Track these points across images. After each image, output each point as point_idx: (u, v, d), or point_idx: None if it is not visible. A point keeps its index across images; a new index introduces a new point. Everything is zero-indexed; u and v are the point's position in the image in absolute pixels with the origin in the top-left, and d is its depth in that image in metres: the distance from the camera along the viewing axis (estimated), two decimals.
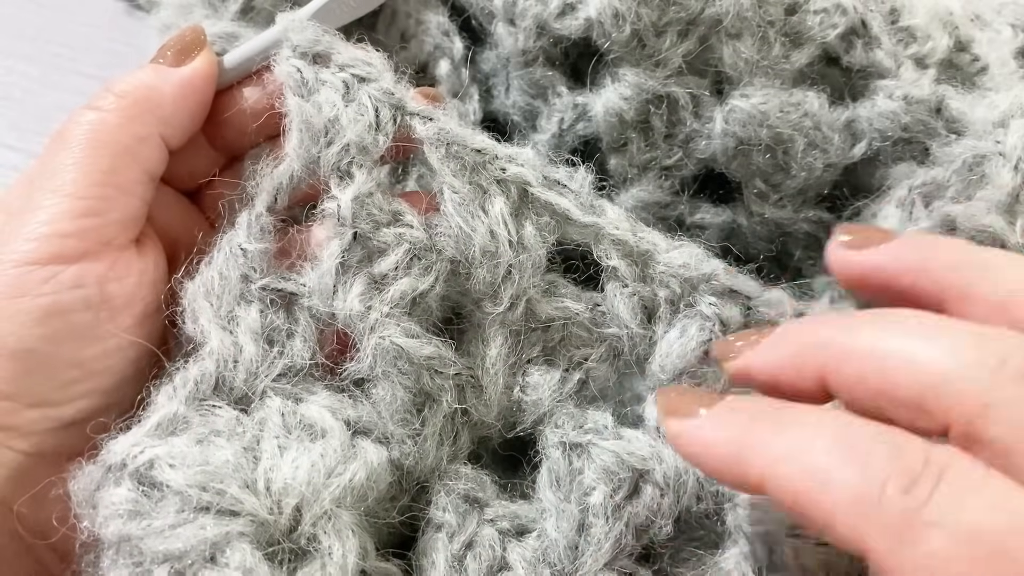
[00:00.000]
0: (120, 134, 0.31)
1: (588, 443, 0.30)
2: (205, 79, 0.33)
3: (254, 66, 0.34)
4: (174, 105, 0.32)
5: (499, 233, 0.30)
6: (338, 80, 0.31)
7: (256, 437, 0.28)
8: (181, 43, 0.33)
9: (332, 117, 0.30)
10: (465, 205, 0.30)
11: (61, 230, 0.30)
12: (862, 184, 0.38)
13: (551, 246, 0.32)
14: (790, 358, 0.25)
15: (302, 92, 0.31)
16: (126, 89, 0.32)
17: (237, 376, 0.29)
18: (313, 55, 0.32)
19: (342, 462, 0.28)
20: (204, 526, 0.25)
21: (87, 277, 0.30)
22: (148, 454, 0.26)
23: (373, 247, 0.30)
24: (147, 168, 0.32)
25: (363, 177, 0.30)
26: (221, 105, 0.34)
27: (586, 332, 0.32)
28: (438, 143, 0.31)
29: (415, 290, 0.30)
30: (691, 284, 0.31)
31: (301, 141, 0.31)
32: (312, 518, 0.26)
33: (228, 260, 0.30)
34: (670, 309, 0.31)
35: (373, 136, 0.31)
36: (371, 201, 0.30)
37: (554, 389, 0.32)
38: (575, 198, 0.32)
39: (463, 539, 0.29)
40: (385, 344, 0.29)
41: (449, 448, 0.31)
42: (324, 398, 0.30)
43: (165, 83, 0.32)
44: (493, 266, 0.31)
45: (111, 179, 0.31)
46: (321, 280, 0.30)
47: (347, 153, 0.30)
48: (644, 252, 0.31)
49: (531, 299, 0.32)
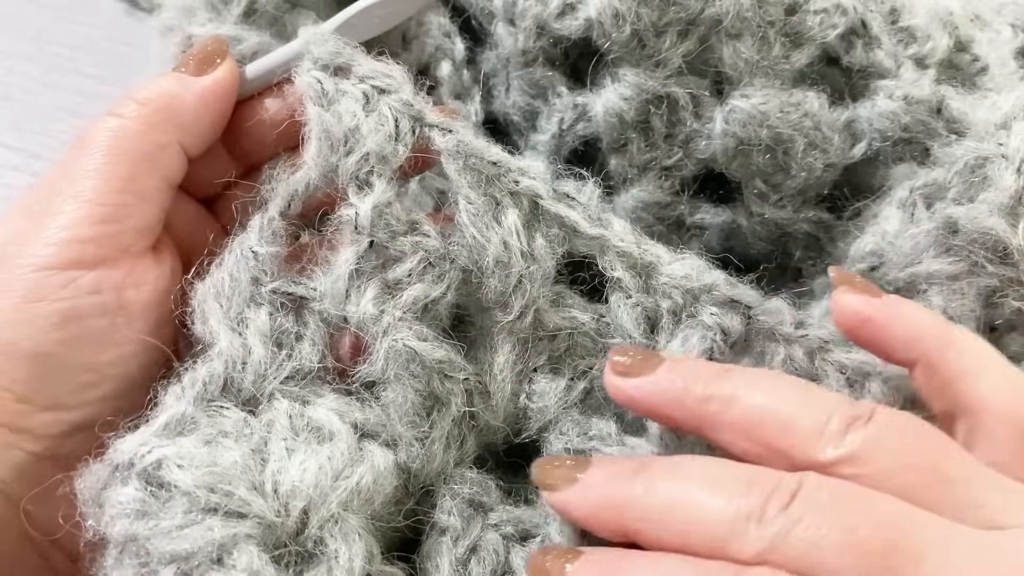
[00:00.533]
0: (140, 141, 0.31)
1: (592, 449, 0.31)
2: (226, 89, 0.33)
3: (275, 77, 0.34)
4: (194, 114, 0.33)
5: (512, 244, 0.31)
6: (358, 91, 0.31)
7: (264, 439, 0.28)
8: (203, 53, 0.34)
9: (352, 127, 0.31)
10: (480, 216, 0.31)
11: (80, 236, 0.30)
12: (862, 184, 0.38)
13: (560, 258, 0.32)
14: (595, 513, 0.28)
15: (322, 102, 0.31)
16: (148, 97, 0.32)
17: (245, 377, 0.29)
18: (334, 67, 0.32)
19: (349, 465, 0.28)
20: (212, 527, 0.25)
21: (105, 283, 0.30)
22: (156, 454, 0.26)
23: (389, 256, 0.30)
24: (166, 176, 0.32)
25: (383, 187, 0.30)
26: (241, 115, 0.34)
27: (591, 342, 0.33)
28: (456, 155, 0.31)
29: (428, 296, 0.30)
30: (693, 295, 0.32)
31: (320, 150, 0.31)
32: (319, 521, 0.26)
33: (239, 262, 0.31)
34: (672, 319, 0.32)
35: (393, 146, 0.31)
36: (389, 211, 0.30)
37: (559, 397, 0.32)
38: (583, 211, 0.32)
39: (467, 543, 0.29)
40: (398, 347, 0.30)
41: (456, 452, 0.31)
42: (332, 401, 0.30)
43: (186, 92, 0.33)
44: (505, 276, 0.31)
45: (130, 186, 0.31)
46: (334, 285, 0.30)
47: (366, 162, 0.31)
48: (648, 264, 0.32)
49: (539, 309, 0.32)
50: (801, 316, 0.32)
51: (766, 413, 0.27)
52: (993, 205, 0.32)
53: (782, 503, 0.24)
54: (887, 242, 0.34)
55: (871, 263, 0.35)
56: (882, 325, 0.29)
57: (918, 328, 0.28)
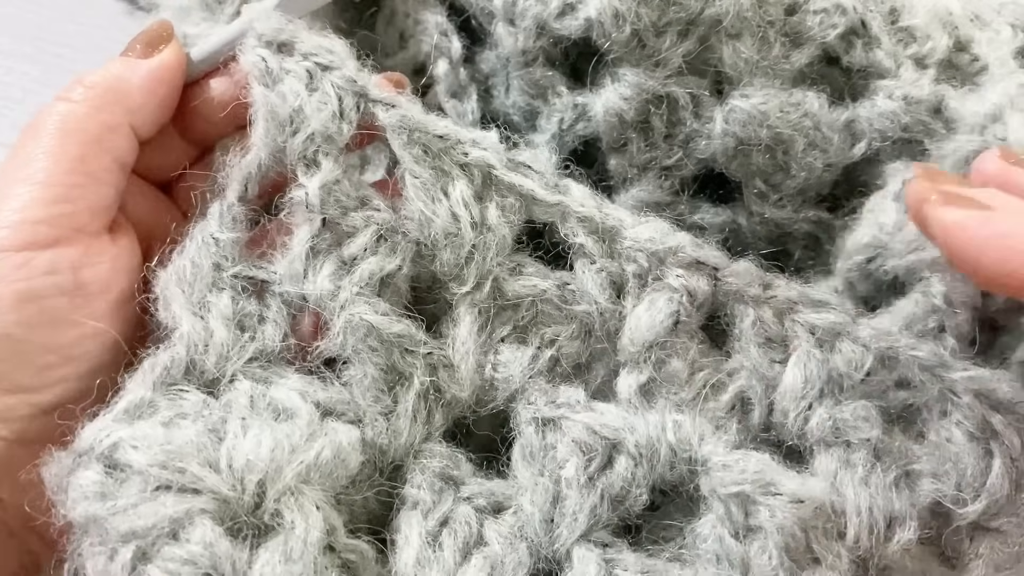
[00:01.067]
0: (89, 123, 0.32)
1: (560, 417, 0.30)
2: (172, 70, 0.34)
3: (222, 56, 0.34)
4: (142, 95, 0.33)
5: (461, 215, 0.31)
6: (301, 69, 0.32)
7: (222, 418, 0.28)
8: (149, 36, 0.34)
9: (296, 107, 0.31)
10: (426, 189, 0.31)
11: (33, 216, 0.30)
12: (862, 184, 0.38)
13: (517, 227, 0.32)
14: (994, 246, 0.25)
15: (267, 81, 0.32)
16: (95, 80, 0.33)
17: (208, 360, 0.29)
18: (277, 44, 0.32)
19: (308, 439, 0.28)
20: (165, 503, 0.25)
21: (61, 263, 0.30)
22: (113, 437, 0.27)
23: (342, 232, 0.31)
24: (117, 156, 0.32)
25: (330, 165, 0.31)
26: (191, 96, 0.35)
27: (556, 310, 0.33)
28: (400, 130, 0.31)
29: (383, 270, 0.31)
30: (658, 257, 0.31)
31: (267, 131, 0.31)
32: (275, 494, 0.27)
33: (200, 249, 0.31)
34: (638, 283, 0.32)
35: (337, 125, 0.31)
36: (338, 188, 0.31)
37: (525, 366, 0.32)
38: (540, 178, 0.32)
39: (438, 516, 0.29)
40: (355, 321, 0.30)
41: (423, 427, 0.31)
42: (295, 381, 0.30)
43: (133, 74, 0.33)
44: (456, 247, 0.31)
45: (81, 167, 0.31)
46: (291, 265, 0.31)
47: (312, 142, 0.31)
48: (610, 228, 0.32)
49: (498, 278, 0.32)
50: (769, 278, 0.31)
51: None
52: None
53: None
54: (884, 233, 0.34)
55: (867, 255, 0.35)
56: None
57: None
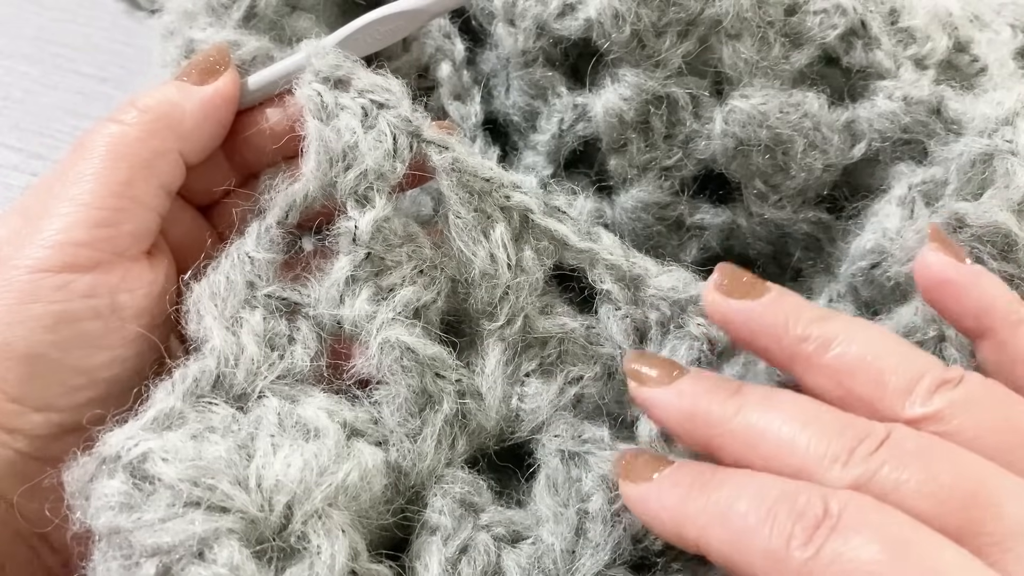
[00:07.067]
0: (140, 148, 0.32)
1: (586, 452, 0.31)
2: (227, 99, 0.34)
3: (277, 88, 0.34)
4: (194, 123, 0.33)
5: (499, 256, 0.32)
6: (357, 106, 0.32)
7: (251, 435, 0.28)
8: (206, 62, 0.34)
9: (351, 143, 0.31)
10: (468, 231, 0.32)
11: (75, 239, 0.30)
12: (862, 184, 0.38)
13: (548, 270, 0.33)
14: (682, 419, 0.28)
15: (322, 116, 0.32)
16: (149, 104, 0.33)
17: (237, 374, 0.29)
18: (334, 80, 0.32)
19: (335, 461, 0.28)
20: (193, 521, 0.25)
21: (99, 287, 0.30)
22: (142, 447, 0.26)
23: (384, 265, 0.31)
24: (164, 183, 0.32)
25: (382, 202, 0.31)
26: (242, 124, 0.35)
27: (582, 350, 0.34)
28: (451, 172, 0.32)
29: (419, 299, 0.31)
30: (679, 306, 0.33)
31: (319, 164, 0.31)
32: (303, 516, 0.26)
33: (235, 266, 0.31)
34: (661, 330, 0.33)
35: (391, 163, 0.32)
36: (387, 226, 0.31)
37: (552, 400, 0.33)
38: (573, 224, 0.33)
39: (458, 543, 0.29)
40: (392, 341, 0.30)
41: (447, 452, 0.31)
42: (322, 400, 0.30)
43: (187, 101, 0.33)
44: (491, 287, 0.32)
45: (127, 191, 0.31)
46: (329, 290, 0.31)
47: (365, 179, 0.31)
48: (636, 276, 0.33)
49: (528, 316, 0.33)
50: None
51: (861, 363, 0.27)
52: (1004, 201, 0.32)
53: (870, 449, 0.25)
54: (888, 239, 0.34)
55: (872, 260, 0.35)
56: (960, 290, 0.29)
57: (993, 301, 0.29)
